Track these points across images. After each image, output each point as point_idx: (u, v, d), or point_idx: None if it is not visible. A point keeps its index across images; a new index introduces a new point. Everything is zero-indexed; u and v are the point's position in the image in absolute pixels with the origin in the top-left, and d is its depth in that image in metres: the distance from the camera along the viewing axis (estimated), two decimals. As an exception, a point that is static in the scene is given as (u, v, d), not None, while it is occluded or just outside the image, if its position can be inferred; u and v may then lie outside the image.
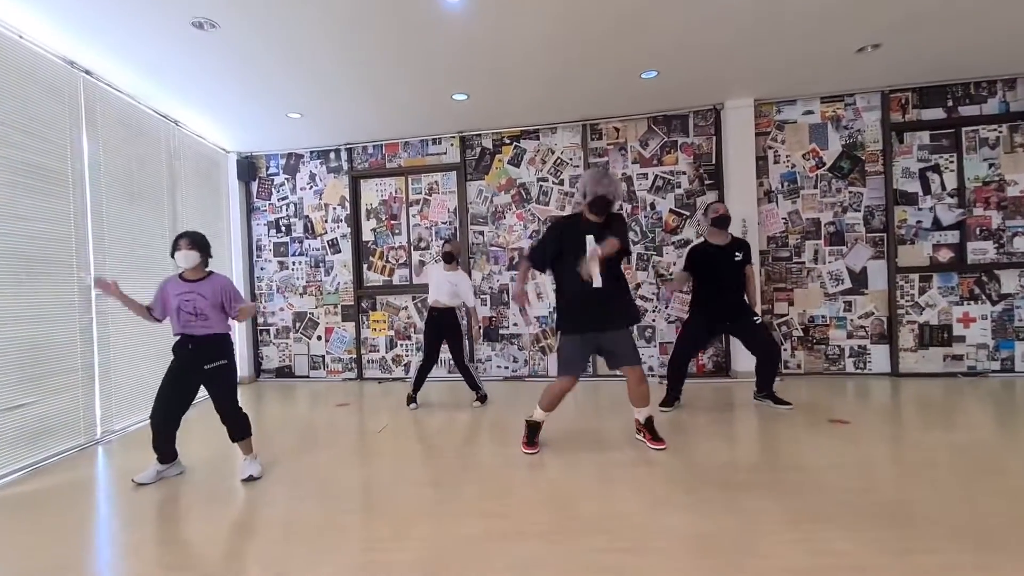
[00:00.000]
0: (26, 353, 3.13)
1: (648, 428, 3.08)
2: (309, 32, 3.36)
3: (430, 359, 4.32)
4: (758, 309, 3.91)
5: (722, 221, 3.76)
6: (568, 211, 5.29)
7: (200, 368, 2.78)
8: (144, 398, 4.17)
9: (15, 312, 3.09)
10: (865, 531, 1.97)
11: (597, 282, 2.66)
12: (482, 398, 4.34)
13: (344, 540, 2.09)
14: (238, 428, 2.88)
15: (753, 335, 3.76)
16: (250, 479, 2.79)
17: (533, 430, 3.11)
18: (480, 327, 5.10)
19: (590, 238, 2.76)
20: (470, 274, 5.34)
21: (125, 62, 3.67)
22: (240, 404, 2.92)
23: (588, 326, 2.91)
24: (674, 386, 3.94)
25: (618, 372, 3.02)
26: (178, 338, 2.81)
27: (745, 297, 3.83)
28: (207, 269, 2.90)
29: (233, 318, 2.88)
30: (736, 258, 3.75)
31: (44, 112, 3.37)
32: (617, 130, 5.22)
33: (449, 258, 4.31)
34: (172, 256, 2.81)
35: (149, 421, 2.81)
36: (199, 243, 2.83)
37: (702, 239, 3.89)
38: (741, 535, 1.98)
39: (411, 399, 4.35)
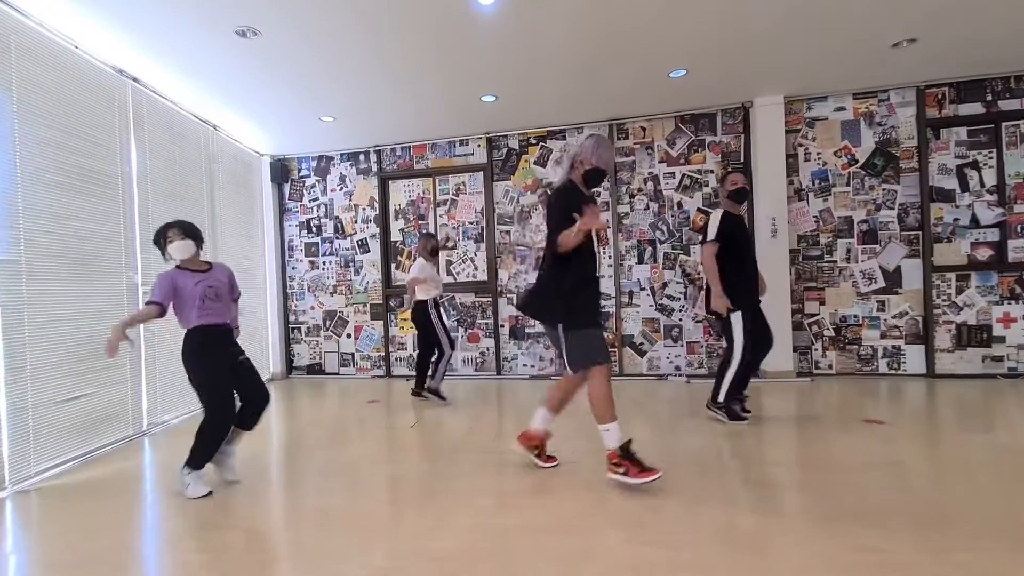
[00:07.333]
0: (81, 348, 3.30)
1: (629, 455, 2.43)
2: (347, 38, 3.46)
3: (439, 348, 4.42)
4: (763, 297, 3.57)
5: (741, 194, 3.43)
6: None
7: (235, 357, 2.71)
8: (185, 392, 4.33)
9: (73, 309, 3.25)
10: (903, 530, 1.95)
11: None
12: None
13: (385, 529, 2.15)
14: (261, 415, 2.80)
15: (760, 320, 3.46)
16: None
17: (628, 454, 2.42)
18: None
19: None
20: (497, 270, 5.49)
21: (170, 70, 3.84)
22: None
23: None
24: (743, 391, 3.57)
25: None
26: (197, 331, 2.61)
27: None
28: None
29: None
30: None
31: (97, 118, 3.54)
32: (644, 129, 5.21)
33: (435, 251, 4.54)
34: (163, 250, 2.63)
35: (219, 427, 2.59)
36: (191, 231, 2.65)
37: (722, 210, 3.42)
38: (780, 532, 1.98)
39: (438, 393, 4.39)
